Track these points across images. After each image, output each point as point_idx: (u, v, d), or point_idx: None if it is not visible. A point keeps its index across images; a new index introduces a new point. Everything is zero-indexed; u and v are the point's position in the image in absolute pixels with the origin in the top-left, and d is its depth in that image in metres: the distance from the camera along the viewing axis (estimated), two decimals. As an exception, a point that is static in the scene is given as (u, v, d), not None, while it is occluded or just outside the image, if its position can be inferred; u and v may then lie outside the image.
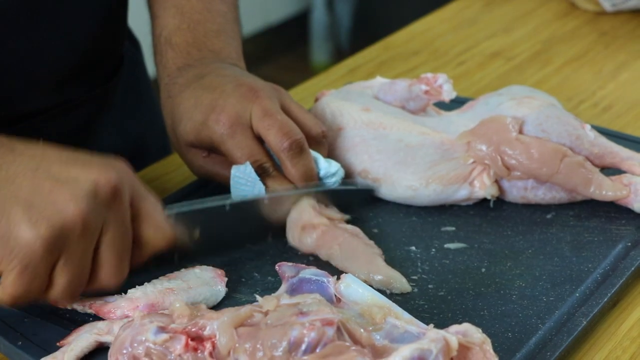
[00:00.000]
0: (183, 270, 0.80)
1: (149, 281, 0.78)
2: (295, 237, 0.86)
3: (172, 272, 0.80)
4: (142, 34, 1.22)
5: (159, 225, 0.76)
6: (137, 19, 1.17)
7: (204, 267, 0.81)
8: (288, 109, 0.90)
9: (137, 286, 0.77)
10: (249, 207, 0.86)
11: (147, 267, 0.78)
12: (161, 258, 0.78)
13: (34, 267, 0.69)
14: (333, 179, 0.90)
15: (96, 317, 0.77)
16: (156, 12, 1.02)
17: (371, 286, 0.73)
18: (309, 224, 0.85)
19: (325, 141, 0.91)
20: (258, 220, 0.86)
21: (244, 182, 0.88)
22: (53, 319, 0.77)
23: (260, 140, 0.89)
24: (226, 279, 0.80)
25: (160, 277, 0.78)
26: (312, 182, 0.88)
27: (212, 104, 0.89)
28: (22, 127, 1.00)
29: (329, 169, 0.90)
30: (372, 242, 0.85)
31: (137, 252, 0.76)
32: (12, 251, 0.68)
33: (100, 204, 0.71)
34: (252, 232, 0.86)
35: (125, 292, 0.76)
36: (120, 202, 0.72)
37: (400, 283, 0.81)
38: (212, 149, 0.90)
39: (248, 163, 0.87)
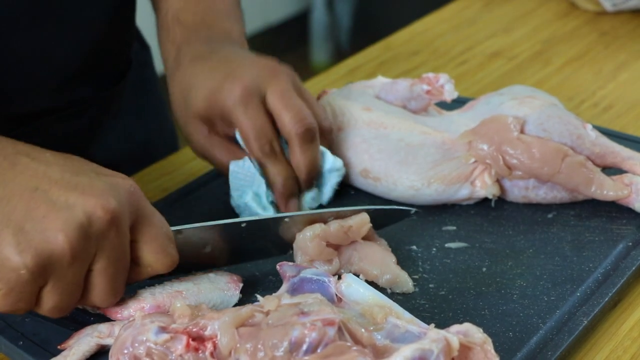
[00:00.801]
0: (199, 273, 0.79)
1: (160, 283, 0.77)
2: (304, 263, 0.82)
3: (186, 274, 0.79)
4: (151, 35, 1.21)
5: (161, 250, 0.73)
6: (147, 21, 1.16)
7: (220, 272, 0.79)
8: (302, 97, 0.89)
9: (146, 287, 0.76)
10: (266, 225, 0.82)
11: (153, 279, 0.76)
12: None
13: (20, 291, 0.68)
14: (336, 173, 0.91)
15: (97, 318, 0.77)
16: None
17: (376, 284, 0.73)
18: (317, 258, 0.81)
19: (331, 137, 0.91)
20: (274, 238, 0.83)
21: (243, 176, 0.87)
22: (53, 319, 0.77)
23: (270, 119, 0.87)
24: (241, 284, 0.79)
25: (172, 279, 0.77)
26: (314, 172, 0.88)
27: (228, 72, 0.88)
28: (28, 129, 1.00)
29: (334, 163, 0.90)
30: (385, 242, 0.85)
31: (135, 272, 0.74)
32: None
33: (94, 234, 0.68)
34: (266, 248, 0.83)
35: (135, 293, 0.76)
36: (116, 231, 0.70)
37: (405, 283, 0.81)
38: (221, 118, 0.88)
39: (247, 158, 0.87)
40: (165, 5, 0.99)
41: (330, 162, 0.90)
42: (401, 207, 0.87)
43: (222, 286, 0.78)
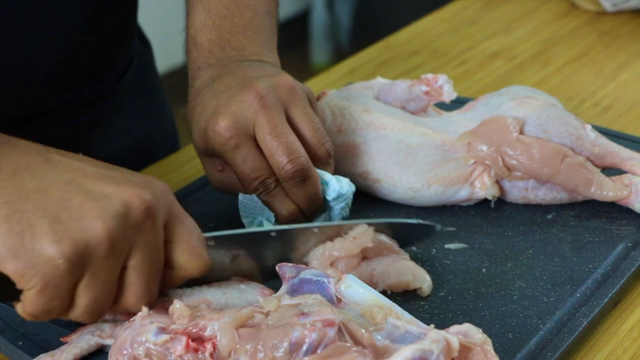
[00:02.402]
0: (232, 281, 0.77)
1: (188, 286, 0.75)
2: None
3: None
4: (152, 33, 1.21)
5: (194, 251, 0.71)
6: (148, 18, 1.16)
7: (252, 283, 0.77)
8: (295, 122, 0.86)
9: (171, 292, 0.74)
10: (296, 234, 0.80)
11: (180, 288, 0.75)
12: (196, 281, 0.75)
13: (55, 286, 0.66)
14: (342, 199, 0.87)
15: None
16: (187, 10, 0.98)
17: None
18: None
19: (331, 161, 0.88)
20: (303, 249, 0.81)
21: (252, 206, 0.86)
22: (53, 319, 0.77)
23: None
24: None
25: (202, 285, 0.75)
26: (315, 206, 0.86)
27: (214, 110, 0.85)
28: (30, 126, 1.00)
29: (340, 190, 0.87)
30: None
31: (168, 276, 0.72)
32: (34, 267, 0.65)
33: (131, 225, 0.67)
34: (295, 260, 0.81)
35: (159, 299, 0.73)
36: (152, 224, 0.68)
37: (422, 280, 0.80)
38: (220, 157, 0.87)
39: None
40: (188, 24, 0.97)
41: (336, 190, 0.86)
42: (425, 222, 0.84)
43: (251, 298, 0.75)
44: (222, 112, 0.84)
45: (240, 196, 0.86)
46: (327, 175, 0.87)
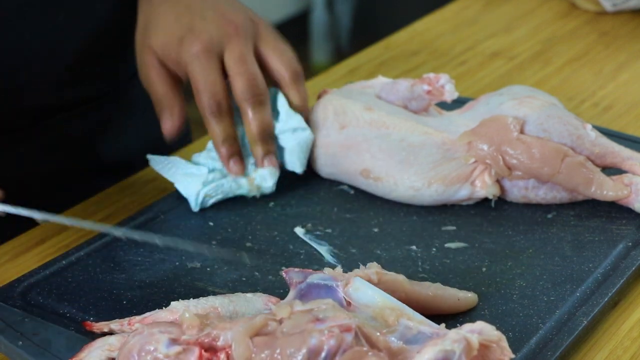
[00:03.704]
0: (238, 293, 0.76)
1: (195, 297, 0.74)
2: None
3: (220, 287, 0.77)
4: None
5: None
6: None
7: (258, 294, 0.76)
8: (262, 53, 0.94)
9: (180, 299, 0.73)
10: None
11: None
12: None
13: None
14: (293, 136, 0.93)
15: (96, 318, 0.76)
16: None
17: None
18: None
19: (300, 79, 0.94)
20: None
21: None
22: (53, 319, 0.77)
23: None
24: None
25: (209, 297, 0.75)
26: (266, 134, 0.91)
27: (190, 24, 0.91)
28: (41, 126, 1.00)
29: (286, 121, 0.93)
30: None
31: None
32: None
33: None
34: None
35: (167, 305, 0.73)
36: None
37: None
38: (174, 65, 0.92)
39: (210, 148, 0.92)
40: None
41: (283, 120, 0.93)
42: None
43: (259, 307, 0.75)
44: (200, 28, 0.91)
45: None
46: (280, 103, 0.93)
